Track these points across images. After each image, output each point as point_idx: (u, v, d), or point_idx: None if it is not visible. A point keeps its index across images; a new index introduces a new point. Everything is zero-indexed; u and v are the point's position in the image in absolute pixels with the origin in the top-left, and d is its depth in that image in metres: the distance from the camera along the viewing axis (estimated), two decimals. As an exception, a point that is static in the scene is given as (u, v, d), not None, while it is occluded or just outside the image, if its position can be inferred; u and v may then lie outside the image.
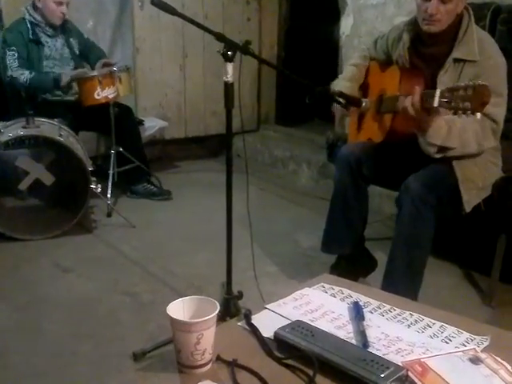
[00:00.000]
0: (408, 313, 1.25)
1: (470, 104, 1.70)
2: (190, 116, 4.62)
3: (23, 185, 3.17)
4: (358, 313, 1.22)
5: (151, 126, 4.16)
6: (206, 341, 1.08)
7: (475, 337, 1.16)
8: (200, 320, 1.06)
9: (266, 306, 1.27)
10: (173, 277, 2.63)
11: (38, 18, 3.41)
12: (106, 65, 3.54)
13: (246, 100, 4.82)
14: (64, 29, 3.58)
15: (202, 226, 3.28)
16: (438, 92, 1.80)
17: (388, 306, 1.28)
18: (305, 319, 1.20)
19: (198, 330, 1.06)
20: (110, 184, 3.43)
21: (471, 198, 2.13)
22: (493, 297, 2.43)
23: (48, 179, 3.18)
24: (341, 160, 2.33)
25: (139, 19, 4.17)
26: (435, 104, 1.81)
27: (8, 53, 3.31)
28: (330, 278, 1.39)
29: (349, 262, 2.45)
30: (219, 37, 1.83)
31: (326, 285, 1.36)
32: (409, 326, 1.21)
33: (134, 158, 3.60)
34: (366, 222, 2.46)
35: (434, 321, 1.22)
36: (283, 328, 1.15)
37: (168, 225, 3.35)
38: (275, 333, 1.14)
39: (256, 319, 1.21)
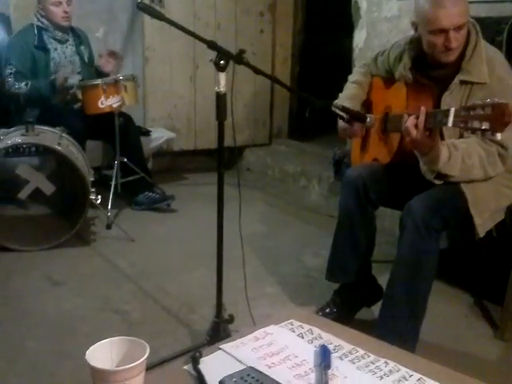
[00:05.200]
0: (383, 361, 1.08)
1: (489, 124, 1.52)
2: (199, 128, 4.53)
3: (23, 194, 3.11)
4: (324, 359, 1.06)
5: (158, 136, 4.08)
6: None
7: None
8: (121, 368, 0.90)
9: (221, 347, 1.11)
10: (166, 295, 2.51)
11: (46, 22, 3.40)
12: (111, 55, 3.48)
13: (257, 114, 4.72)
14: (75, 35, 3.56)
15: (203, 242, 3.10)
16: (452, 111, 1.62)
17: (361, 352, 1.11)
18: (261, 364, 1.05)
19: (119, 380, 0.90)
20: (111, 195, 3.34)
21: (485, 221, 1.96)
22: (505, 329, 2.25)
23: (48, 188, 3.11)
24: (347, 185, 2.18)
25: (149, 28, 4.10)
26: (449, 124, 1.63)
27: (8, 66, 3.31)
28: (303, 314, 1.22)
29: (353, 290, 2.31)
30: (211, 45, 1.73)
31: (295, 322, 1.20)
32: (381, 377, 1.04)
33: (136, 168, 3.51)
34: (373, 248, 2.31)
35: (411, 372, 1.04)
36: (230, 376, 0.99)
37: (168, 239, 3.24)
38: (219, 382, 0.99)
39: (206, 363, 1.06)
